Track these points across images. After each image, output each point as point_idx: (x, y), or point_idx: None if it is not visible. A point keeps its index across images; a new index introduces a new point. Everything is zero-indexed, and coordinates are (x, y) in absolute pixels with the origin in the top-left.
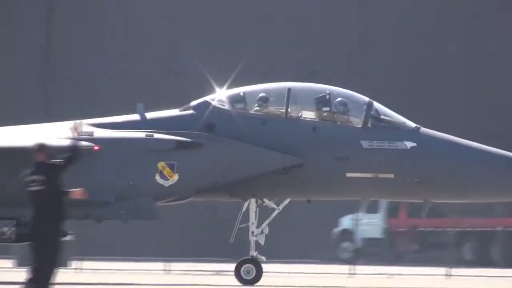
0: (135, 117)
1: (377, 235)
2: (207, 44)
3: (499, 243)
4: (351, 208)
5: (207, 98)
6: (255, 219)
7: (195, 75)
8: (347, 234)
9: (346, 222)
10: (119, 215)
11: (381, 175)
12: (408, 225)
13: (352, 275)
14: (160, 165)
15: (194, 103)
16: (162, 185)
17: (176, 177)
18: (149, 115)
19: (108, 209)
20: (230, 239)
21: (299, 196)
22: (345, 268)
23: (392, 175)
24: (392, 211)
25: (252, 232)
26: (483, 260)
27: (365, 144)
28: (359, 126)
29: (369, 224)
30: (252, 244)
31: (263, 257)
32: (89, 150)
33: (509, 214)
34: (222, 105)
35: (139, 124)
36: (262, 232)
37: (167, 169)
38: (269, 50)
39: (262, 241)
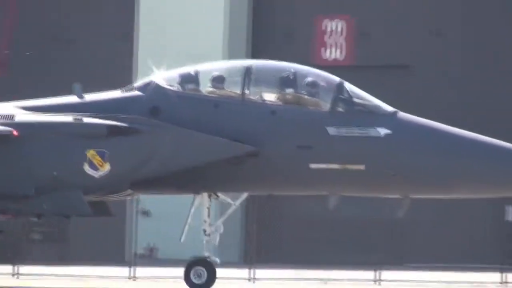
0: (71, 99)
1: None
2: None
3: None
4: None
5: (154, 77)
6: (208, 216)
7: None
8: None
9: None
10: (41, 209)
11: (350, 167)
12: None
13: None
14: (90, 153)
15: (138, 83)
16: (91, 176)
17: (107, 167)
18: (87, 97)
19: (27, 203)
20: (180, 238)
21: (257, 189)
22: None
23: (362, 167)
24: None
25: (204, 231)
26: None
27: (331, 130)
28: (326, 110)
29: None
30: (205, 244)
31: (217, 259)
32: (6, 135)
33: None
34: (171, 85)
35: (75, 107)
36: (216, 231)
37: (97, 158)
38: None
39: (216, 241)
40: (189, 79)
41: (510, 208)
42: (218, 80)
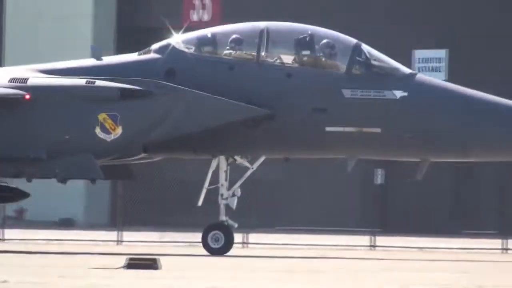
0: (89, 61)
1: None
2: None
3: None
4: None
5: (171, 40)
6: (226, 179)
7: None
8: None
9: None
10: (53, 173)
11: (366, 130)
12: None
13: None
14: (101, 116)
15: (155, 46)
16: (103, 140)
17: (119, 130)
18: (105, 59)
19: (40, 167)
20: (198, 202)
21: (274, 153)
22: None
23: (378, 130)
24: None
25: (222, 195)
26: None
27: (347, 93)
28: (342, 72)
29: None
30: (222, 208)
31: (235, 223)
32: (19, 99)
33: None
34: (187, 48)
35: (91, 70)
36: (233, 195)
37: (109, 121)
38: None
39: (233, 205)
40: (206, 42)
41: (379, 171)
42: (234, 42)
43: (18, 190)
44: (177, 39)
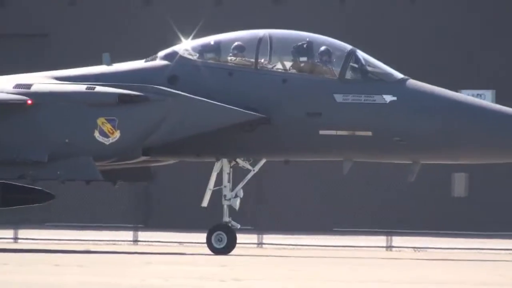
0: (99, 68)
1: None
2: None
3: None
4: None
5: (177, 47)
6: (228, 181)
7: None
8: None
9: None
10: (55, 175)
11: (358, 133)
12: None
13: None
14: (100, 121)
15: (161, 53)
16: (102, 143)
17: (117, 134)
18: (114, 66)
19: (42, 169)
20: (202, 202)
21: (272, 155)
22: None
23: (369, 133)
24: None
25: (225, 196)
26: None
27: (339, 98)
28: (336, 78)
29: None
30: (225, 209)
31: (237, 224)
32: (22, 104)
33: None
34: (191, 55)
35: (99, 76)
36: (236, 196)
37: (108, 125)
38: None
39: (236, 206)
40: (209, 49)
41: None
42: (236, 49)
43: (40, 191)
44: (183, 46)
